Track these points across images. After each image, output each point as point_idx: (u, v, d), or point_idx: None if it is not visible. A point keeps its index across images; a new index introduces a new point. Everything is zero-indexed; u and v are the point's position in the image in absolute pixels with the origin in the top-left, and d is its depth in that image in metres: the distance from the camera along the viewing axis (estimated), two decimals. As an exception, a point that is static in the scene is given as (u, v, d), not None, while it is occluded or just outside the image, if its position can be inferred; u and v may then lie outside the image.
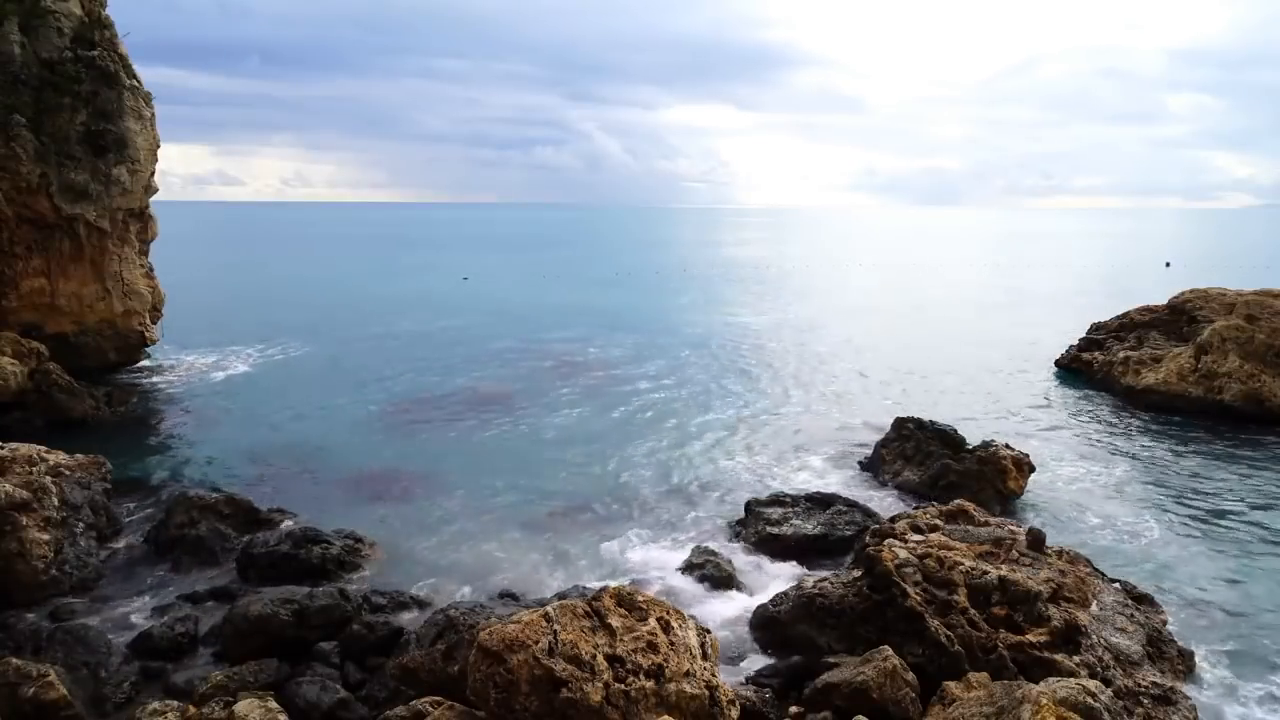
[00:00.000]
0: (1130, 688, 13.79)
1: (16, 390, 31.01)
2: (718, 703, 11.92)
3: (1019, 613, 14.88)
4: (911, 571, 15.69)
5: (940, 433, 26.14)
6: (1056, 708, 10.93)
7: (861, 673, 13.63)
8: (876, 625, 15.42)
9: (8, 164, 33.49)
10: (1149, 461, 28.44)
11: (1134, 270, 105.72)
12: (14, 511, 18.39)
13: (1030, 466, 25.21)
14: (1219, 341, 34.34)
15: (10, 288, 35.29)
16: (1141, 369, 36.76)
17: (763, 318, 63.16)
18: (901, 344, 51.06)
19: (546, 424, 32.81)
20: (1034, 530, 17.67)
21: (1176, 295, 41.45)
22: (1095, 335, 42.76)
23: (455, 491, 25.36)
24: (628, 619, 12.40)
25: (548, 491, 25.43)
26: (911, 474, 25.50)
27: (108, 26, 37.26)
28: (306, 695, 14.25)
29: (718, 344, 51.04)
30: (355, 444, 29.94)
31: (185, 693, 14.55)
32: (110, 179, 36.11)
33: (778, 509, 22.24)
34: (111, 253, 37.51)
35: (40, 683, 13.60)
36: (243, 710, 12.85)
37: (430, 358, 45.56)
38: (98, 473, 22.57)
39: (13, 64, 34.02)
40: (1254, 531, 22.52)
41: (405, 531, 22.41)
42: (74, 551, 19.15)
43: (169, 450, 29.52)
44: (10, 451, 20.29)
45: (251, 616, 16.18)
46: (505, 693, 11.25)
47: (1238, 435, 30.98)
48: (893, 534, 17.74)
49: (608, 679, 11.38)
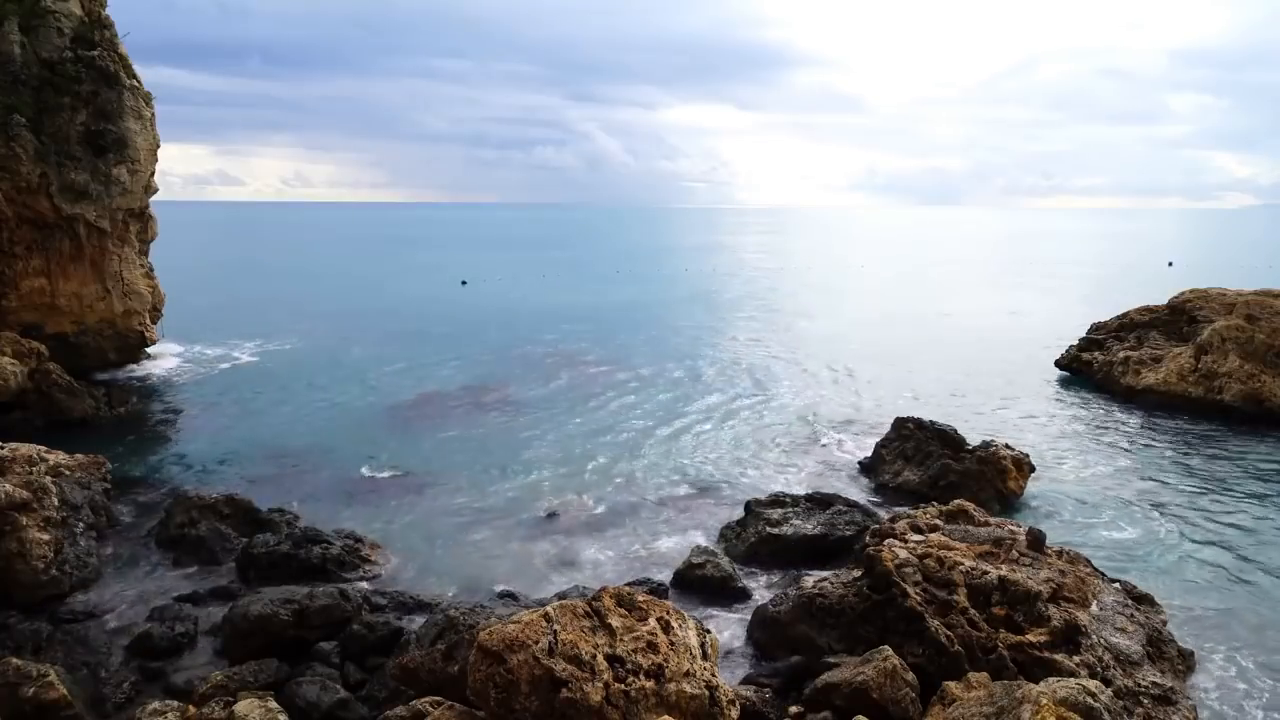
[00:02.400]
0: (1130, 688, 13.78)
1: (16, 390, 31.02)
2: (718, 703, 11.91)
3: (1019, 613, 14.87)
4: (911, 571, 15.69)
5: (940, 433, 26.14)
6: (1056, 708, 10.92)
7: (861, 673, 13.62)
8: (876, 625, 15.41)
9: (8, 164, 33.50)
10: (1149, 461, 28.43)
11: (1134, 270, 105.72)
12: (14, 511, 18.39)
13: (1030, 466, 25.21)
14: (1219, 341, 34.34)
15: (10, 288, 35.30)
16: (1141, 369, 36.76)
17: (763, 318, 63.19)
18: (901, 344, 51.07)
19: (546, 424, 32.80)
20: (1034, 530, 17.67)
21: (1176, 295, 41.45)
22: (1095, 335, 42.75)
23: (455, 491, 25.38)
24: (628, 619, 12.39)
25: (548, 491, 25.43)
26: (911, 474, 25.50)
27: (108, 26, 37.29)
28: (306, 695, 14.25)
29: (718, 344, 51.07)
30: (355, 444, 29.93)
31: (185, 693, 14.56)
32: (110, 179, 36.12)
33: (778, 509, 22.24)
34: (111, 253, 37.51)
35: (40, 683, 13.60)
36: (243, 710, 12.85)
37: (430, 359, 45.55)
38: (98, 473, 22.58)
39: (13, 64, 34.04)
40: (1254, 531, 22.52)
41: (405, 531, 22.42)
42: (74, 551, 19.14)
43: (169, 450, 29.52)
44: (10, 451, 20.30)
45: (251, 616, 16.18)
46: (505, 693, 11.24)
47: (1238, 435, 30.98)
48: (893, 534, 17.74)
49: (608, 679, 11.37)
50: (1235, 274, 79.67)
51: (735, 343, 51.69)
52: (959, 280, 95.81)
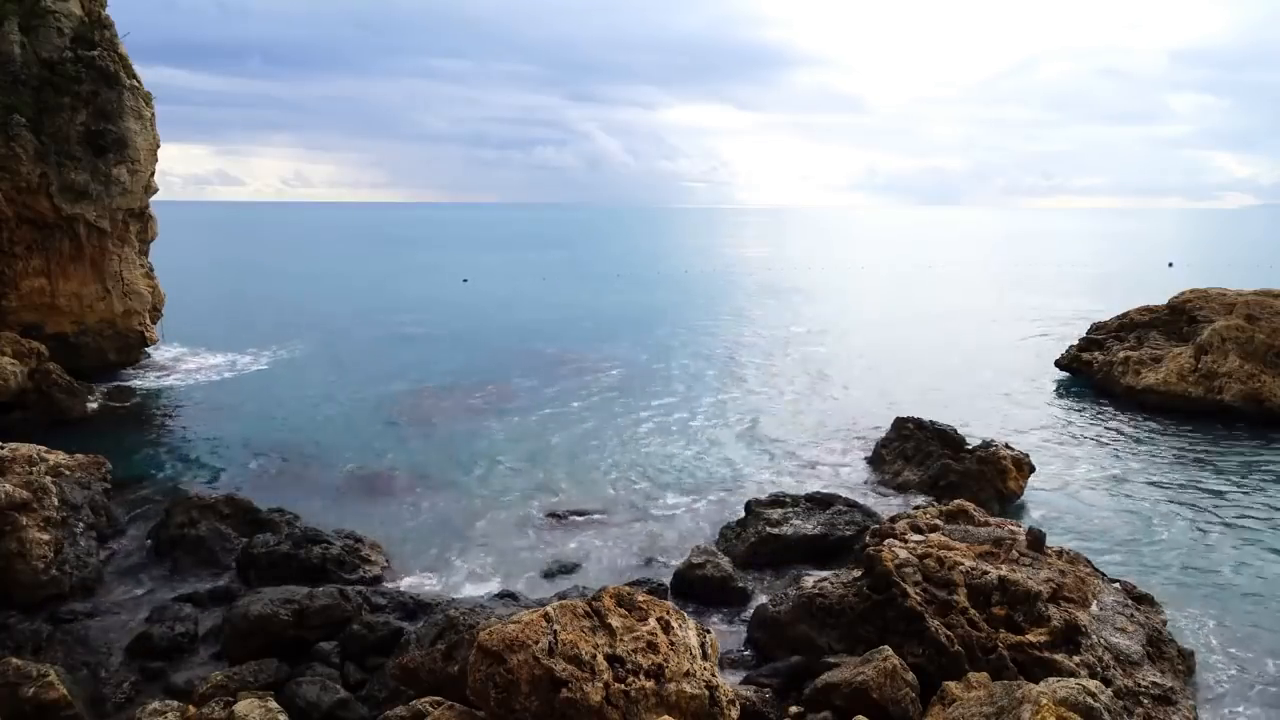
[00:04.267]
0: (1130, 688, 13.78)
1: (16, 390, 31.01)
2: (718, 703, 11.91)
3: (1019, 613, 14.87)
4: (911, 571, 15.68)
5: (940, 433, 26.14)
6: (1056, 708, 10.92)
7: (861, 673, 13.61)
8: (876, 625, 15.41)
9: (8, 164, 33.50)
10: (1149, 462, 28.43)
11: (1134, 270, 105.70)
12: (14, 511, 18.38)
13: (1030, 466, 25.21)
14: (1219, 341, 34.34)
15: (10, 288, 35.29)
16: (1141, 369, 36.75)
17: (763, 318, 63.18)
18: (901, 344, 51.08)
19: (546, 424, 32.80)
20: (1034, 530, 17.67)
21: (1176, 295, 41.42)
22: (1095, 335, 42.72)
23: (455, 491, 25.39)
24: (628, 619, 12.39)
25: (548, 491, 25.44)
26: (911, 474, 25.50)
27: (108, 26, 37.27)
28: (306, 695, 14.25)
29: (717, 344, 51.07)
30: (355, 444, 29.94)
31: (185, 693, 14.55)
32: (110, 179, 36.11)
33: (778, 509, 22.23)
34: (111, 253, 37.51)
35: (40, 683, 13.60)
36: (243, 710, 12.84)
37: (430, 358, 45.57)
38: (98, 473, 22.57)
39: (13, 64, 34.03)
40: (1254, 531, 22.52)
41: (405, 531, 22.43)
42: (74, 551, 19.14)
43: (169, 450, 29.52)
44: (10, 451, 20.29)
45: (251, 616, 16.18)
46: (505, 693, 11.24)
47: (1238, 435, 30.99)
48: (893, 534, 17.74)
49: (608, 679, 11.37)
50: (1235, 274, 79.64)
51: (734, 343, 51.68)
52: (959, 280, 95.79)
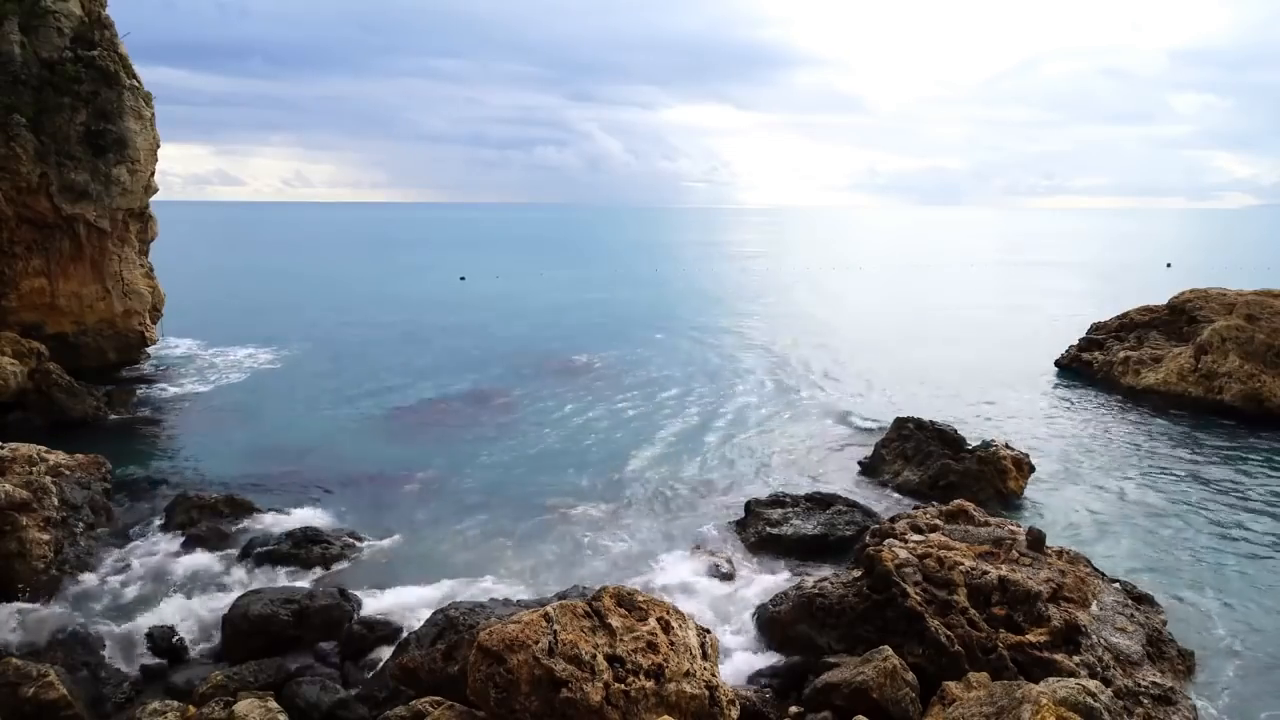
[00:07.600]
0: (1130, 688, 13.78)
1: (16, 390, 31.00)
2: (718, 703, 11.91)
3: (1019, 613, 14.87)
4: (911, 571, 15.69)
5: (940, 433, 26.14)
6: (1056, 708, 10.92)
7: (861, 673, 13.62)
8: (876, 625, 15.42)
9: (8, 164, 33.49)
10: (1149, 461, 28.42)
11: (1134, 270, 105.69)
12: (14, 511, 18.38)
13: (1030, 466, 25.21)
14: (1219, 341, 34.34)
15: (10, 288, 35.28)
16: (1141, 369, 36.76)
17: (763, 318, 63.15)
18: (902, 344, 51.06)
19: (546, 424, 32.80)
20: (1034, 530, 17.67)
21: (1176, 295, 41.41)
22: (1095, 335, 42.74)
23: (455, 491, 25.37)
24: (628, 619, 12.39)
25: (548, 491, 25.41)
26: (911, 474, 25.49)
27: (108, 26, 37.25)
28: (306, 695, 14.25)
29: (717, 344, 51.05)
30: (355, 444, 29.93)
31: (185, 693, 14.55)
32: (110, 179, 36.10)
33: (778, 509, 22.24)
34: (111, 253, 37.50)
35: (40, 683, 13.59)
36: (243, 710, 12.84)
37: (430, 358, 45.55)
38: (98, 473, 22.57)
39: (13, 64, 34.01)
40: (1254, 531, 22.52)
41: (405, 531, 22.40)
42: (74, 551, 19.16)
43: (169, 450, 29.52)
44: (10, 451, 20.30)
45: (251, 616, 16.19)
46: (505, 693, 11.24)
47: (1238, 435, 30.98)
48: (893, 534, 17.75)
49: (608, 679, 11.37)
50: (1235, 274, 79.65)
51: (734, 342, 51.66)
52: (959, 280, 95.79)
